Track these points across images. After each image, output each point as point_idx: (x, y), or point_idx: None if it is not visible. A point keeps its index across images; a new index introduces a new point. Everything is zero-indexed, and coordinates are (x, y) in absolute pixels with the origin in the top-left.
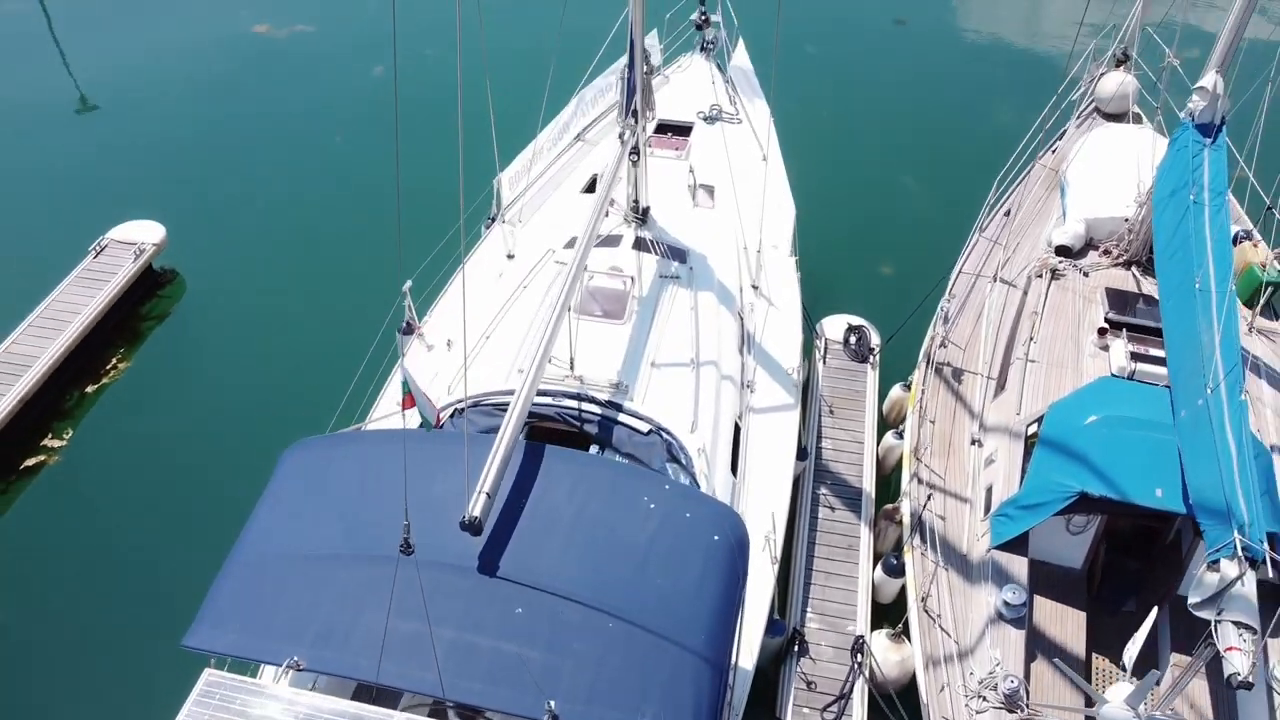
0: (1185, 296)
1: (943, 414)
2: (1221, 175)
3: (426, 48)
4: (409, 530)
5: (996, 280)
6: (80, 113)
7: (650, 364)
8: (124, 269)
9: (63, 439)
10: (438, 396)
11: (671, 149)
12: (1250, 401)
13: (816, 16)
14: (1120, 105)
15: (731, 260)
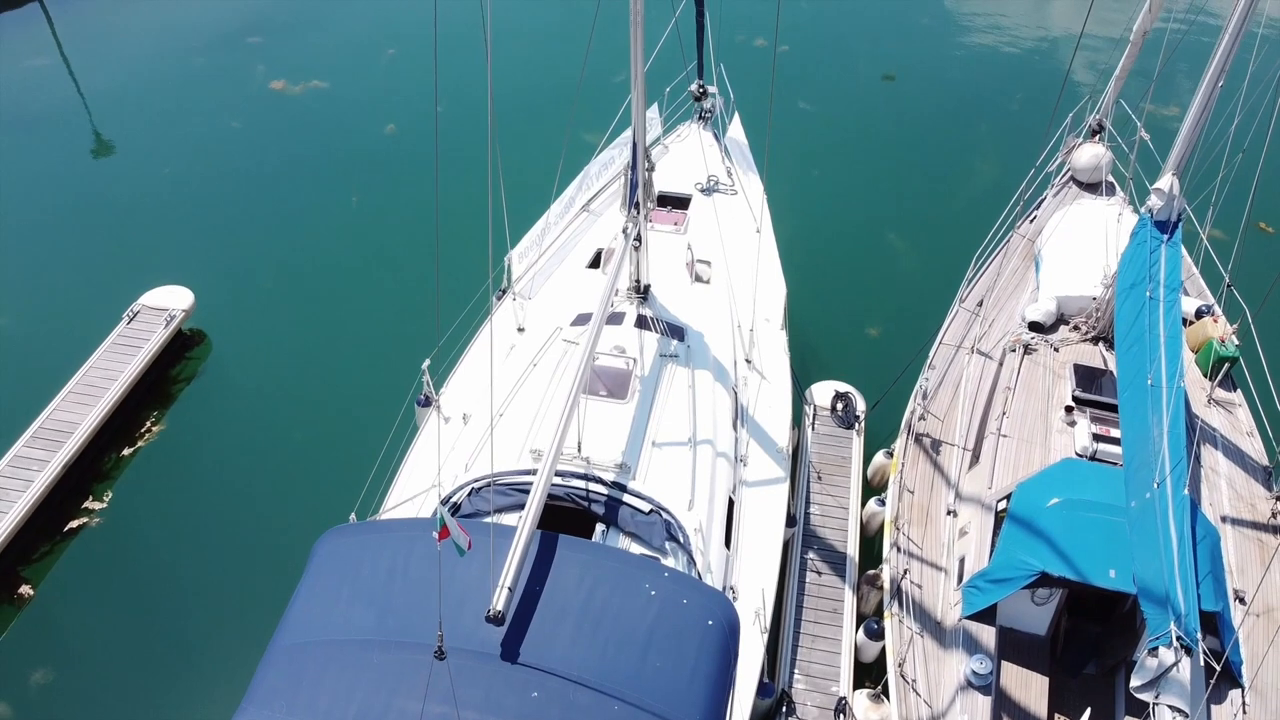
0: (1139, 391)
1: (921, 484)
2: (1176, 271)
3: (437, 104)
4: (442, 631)
5: (974, 352)
6: (103, 168)
7: (651, 443)
8: (156, 335)
9: (103, 501)
10: (456, 475)
11: (671, 223)
12: (1205, 472)
13: (810, 73)
14: (1094, 176)
15: (726, 337)
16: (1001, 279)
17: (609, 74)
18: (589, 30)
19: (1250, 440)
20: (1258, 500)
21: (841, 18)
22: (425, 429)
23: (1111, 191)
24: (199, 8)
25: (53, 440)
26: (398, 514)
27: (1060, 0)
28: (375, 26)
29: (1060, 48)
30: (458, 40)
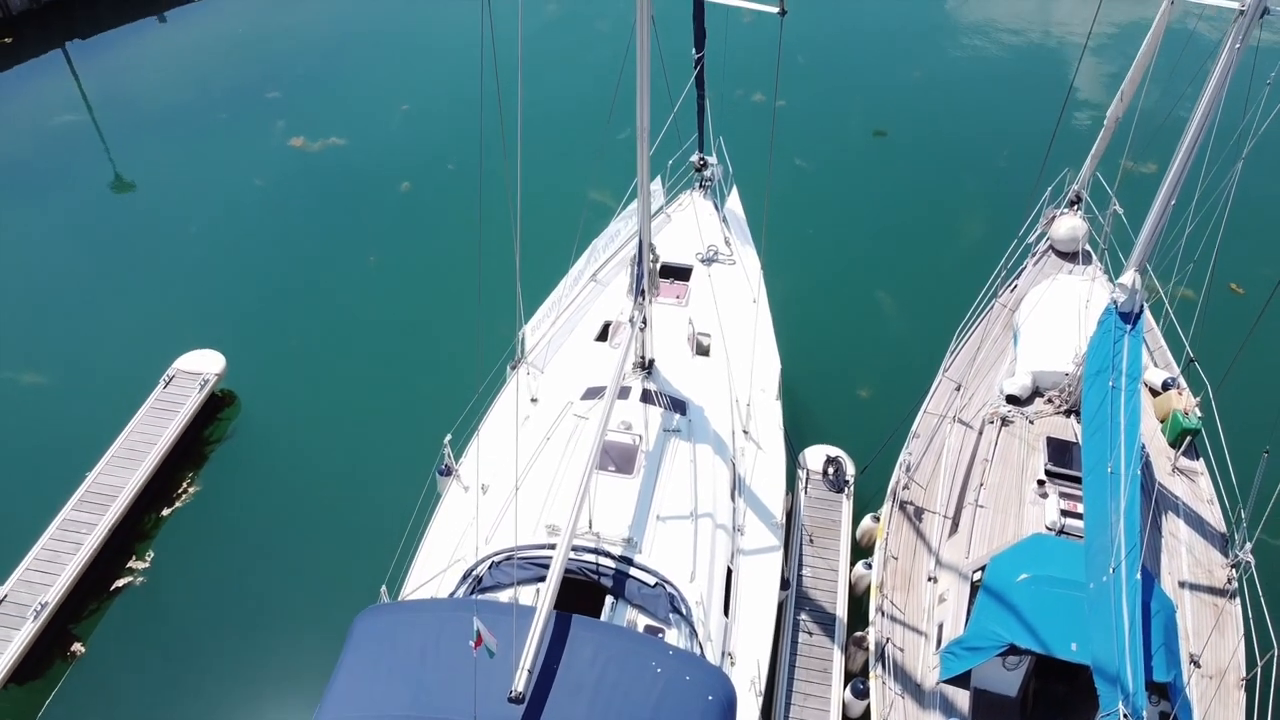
0: (1100, 477)
1: (905, 551)
2: (1137, 361)
3: (449, 162)
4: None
5: (956, 422)
6: (132, 225)
7: (656, 517)
8: (191, 399)
9: (145, 560)
10: (477, 546)
11: (673, 296)
12: (1166, 539)
13: (805, 128)
14: (1072, 246)
15: (725, 409)
16: (983, 350)
17: (616, 130)
18: (595, 84)
19: (1210, 508)
20: (1215, 567)
21: (835, 71)
22: (447, 498)
23: (1088, 260)
24: (219, 62)
25: (99, 504)
26: (424, 586)
27: (1047, 56)
28: (388, 81)
29: (1047, 102)
30: (472, 98)
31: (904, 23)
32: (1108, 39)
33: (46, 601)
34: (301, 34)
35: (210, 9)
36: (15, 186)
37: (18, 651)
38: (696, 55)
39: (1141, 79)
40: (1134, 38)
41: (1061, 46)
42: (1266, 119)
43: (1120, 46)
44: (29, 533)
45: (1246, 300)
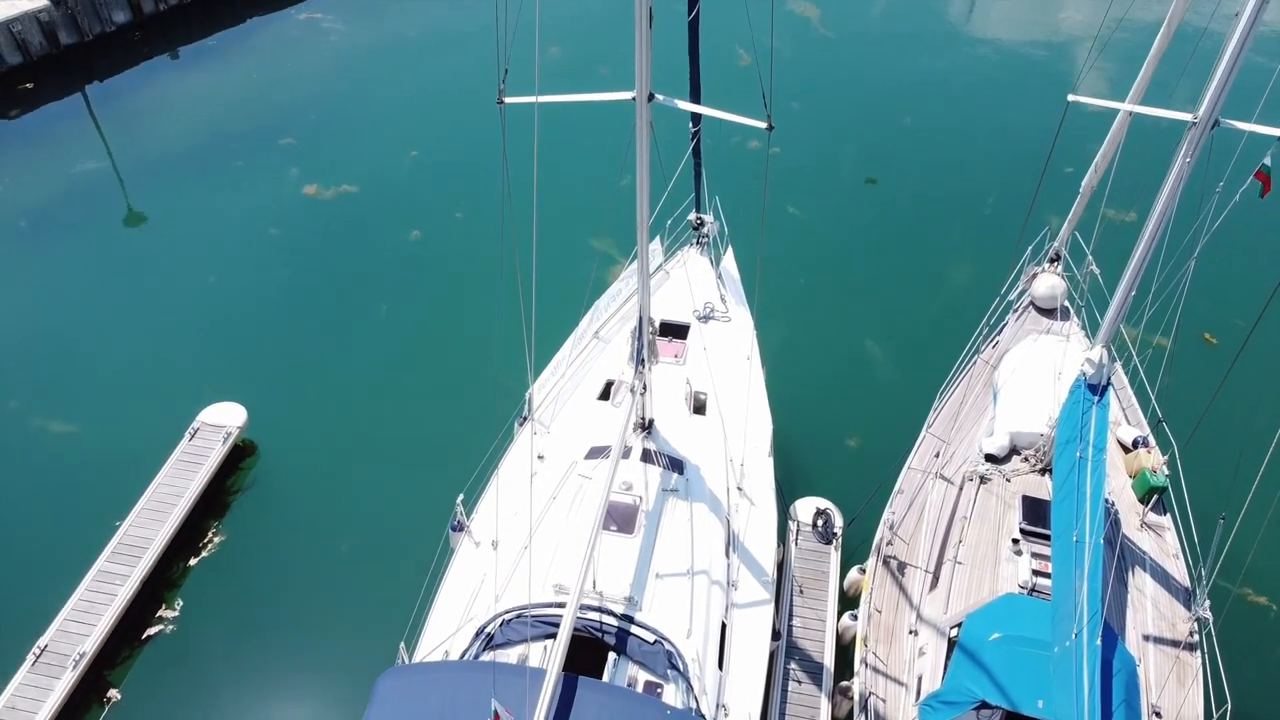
0: (1066, 544)
1: (888, 605)
2: (1103, 433)
3: (456, 210)
4: None
5: (938, 478)
6: (154, 273)
7: (655, 575)
8: (215, 452)
9: (174, 609)
10: (489, 605)
11: (672, 355)
12: (1132, 594)
13: (798, 175)
14: (1051, 303)
15: (720, 468)
16: (965, 407)
17: (616, 178)
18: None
19: (1175, 562)
20: (1178, 620)
21: (829, 117)
22: (459, 554)
23: (1066, 316)
24: (233, 106)
25: (131, 555)
26: (440, 645)
27: (1033, 106)
28: (397, 127)
29: (1031, 150)
30: (479, 145)
31: (895, 70)
32: (1095, 89)
33: (85, 651)
34: (312, 78)
35: (222, 49)
36: (41, 233)
37: (59, 700)
38: (693, 129)
39: (1113, 154)
40: (1122, 92)
41: (1046, 98)
42: (1221, 214)
43: (1110, 98)
44: (66, 581)
45: (1220, 350)
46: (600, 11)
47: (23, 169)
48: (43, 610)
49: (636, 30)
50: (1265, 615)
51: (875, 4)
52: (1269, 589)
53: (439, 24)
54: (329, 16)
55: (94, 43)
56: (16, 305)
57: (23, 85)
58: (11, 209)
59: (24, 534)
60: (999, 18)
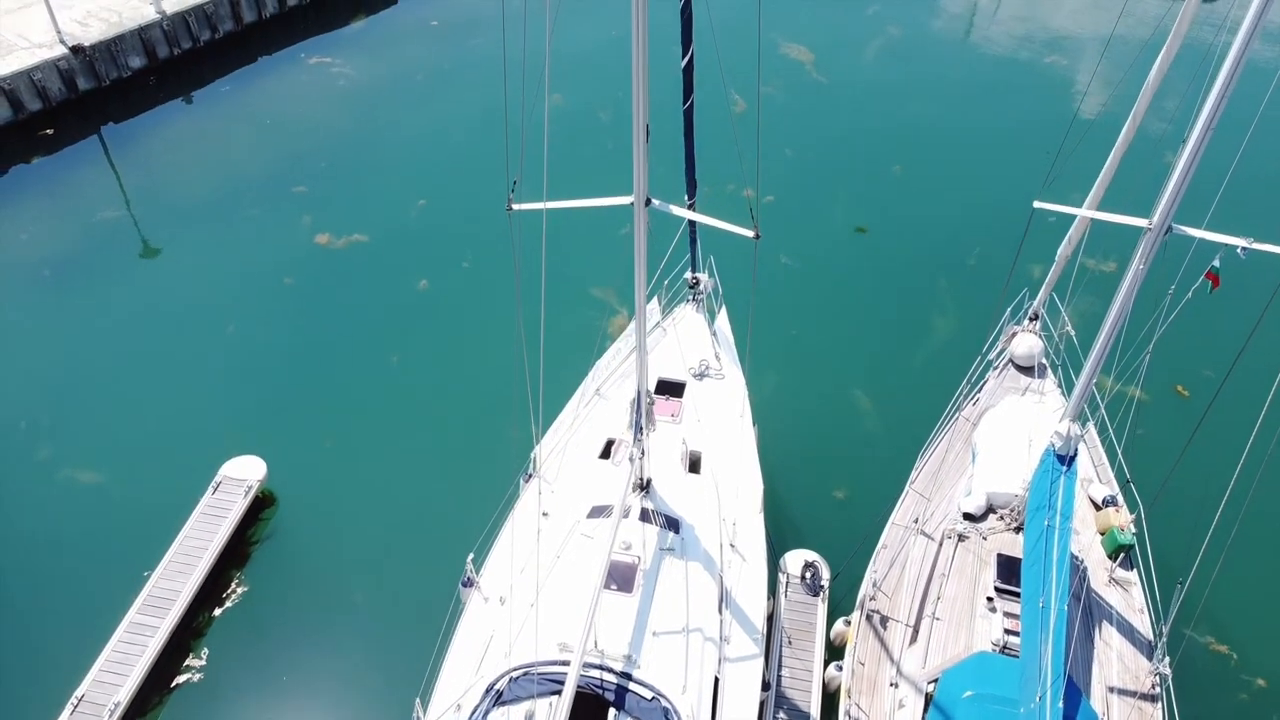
0: (1033, 609)
1: (870, 657)
2: (1070, 501)
3: (463, 260)
4: None
5: (919, 533)
6: (173, 322)
7: (652, 634)
8: (237, 505)
9: (201, 658)
10: (497, 662)
11: (669, 414)
12: (1099, 647)
13: (792, 225)
14: (1029, 361)
15: (714, 527)
16: (946, 464)
17: (616, 228)
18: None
19: (1141, 617)
20: (1141, 674)
21: (820, 163)
22: (469, 609)
23: (1044, 373)
24: (246, 152)
25: (160, 607)
26: (452, 699)
27: (1018, 153)
28: (405, 175)
29: (1015, 200)
30: (484, 193)
31: (885, 116)
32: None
33: (119, 701)
34: (322, 124)
35: (234, 94)
36: (65, 283)
37: None
38: (689, 201)
39: (1081, 236)
40: (1105, 148)
41: (1031, 147)
42: (1176, 308)
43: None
44: (99, 631)
45: (1191, 402)
46: (600, 58)
47: (46, 217)
48: (78, 660)
49: (634, 143)
50: (1226, 663)
51: (868, 49)
52: (1230, 638)
53: (443, 67)
54: (338, 60)
55: (111, 87)
56: (44, 354)
57: (43, 131)
58: (36, 258)
59: (59, 583)
60: (988, 64)
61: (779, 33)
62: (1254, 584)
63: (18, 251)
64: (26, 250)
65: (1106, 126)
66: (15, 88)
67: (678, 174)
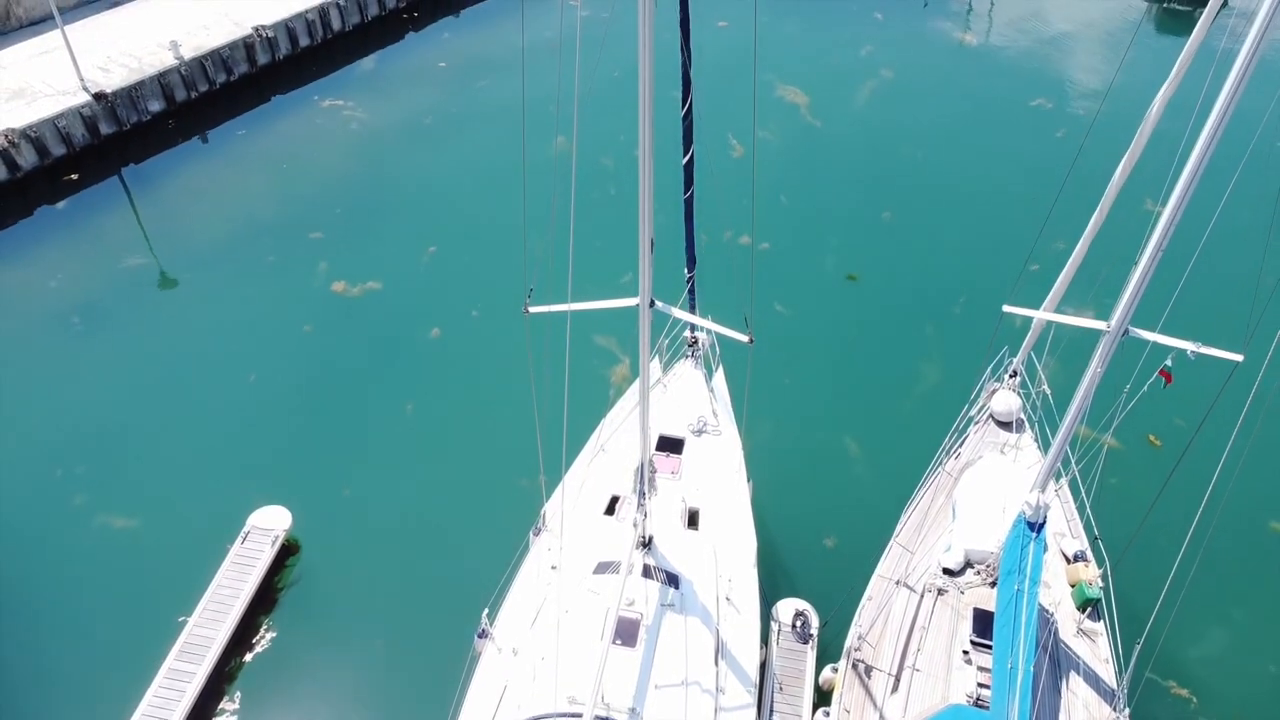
0: (1002, 671)
1: (855, 705)
2: (1038, 567)
3: (472, 309)
4: None
5: (902, 585)
6: (195, 369)
7: (654, 686)
8: (265, 554)
9: (235, 701)
10: (509, 712)
11: (669, 471)
12: (1066, 696)
13: (785, 273)
14: (1008, 416)
15: (710, 582)
16: (928, 519)
17: (619, 276)
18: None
19: (1106, 667)
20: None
21: (813, 209)
22: (484, 659)
23: (1022, 429)
24: (263, 199)
25: (196, 654)
26: None
27: (1003, 201)
28: (416, 220)
29: (1002, 250)
30: (492, 240)
31: (876, 159)
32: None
33: None
34: (336, 169)
35: (250, 137)
36: (94, 330)
37: None
38: (689, 275)
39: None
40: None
41: (1017, 193)
42: (1132, 401)
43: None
44: (140, 674)
45: (1163, 453)
46: (601, 99)
47: (73, 263)
48: (121, 702)
49: (640, 250)
50: (1187, 706)
51: (860, 92)
52: (1191, 683)
53: (450, 110)
54: (349, 103)
55: (131, 131)
56: (76, 403)
57: (67, 177)
58: (67, 306)
59: (99, 626)
60: (978, 106)
61: (775, 74)
62: (1213, 630)
63: (49, 300)
64: (56, 298)
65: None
66: (41, 134)
67: (678, 235)
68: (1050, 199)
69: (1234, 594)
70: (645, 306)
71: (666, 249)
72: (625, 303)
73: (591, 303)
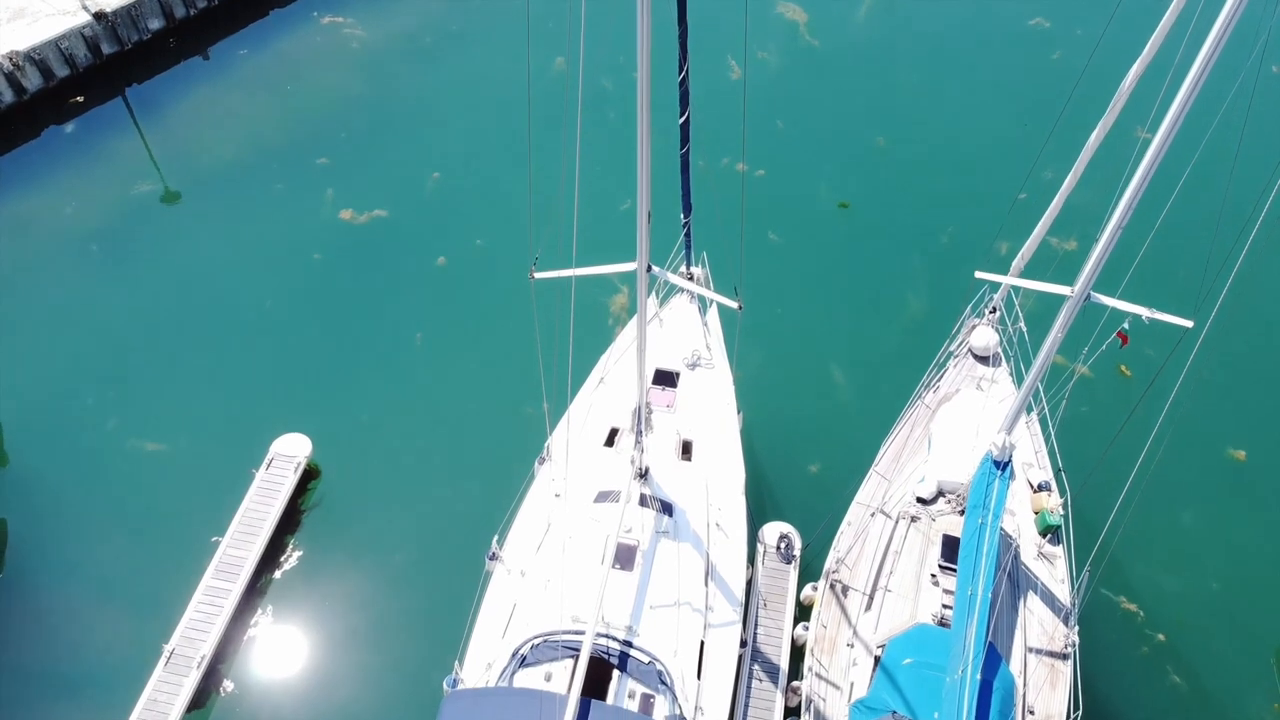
0: (963, 597)
1: (832, 621)
2: (1002, 502)
3: (477, 237)
4: None
5: (879, 513)
6: (212, 298)
7: (649, 607)
8: (288, 480)
9: (267, 615)
10: (519, 629)
11: (664, 404)
12: (1023, 613)
13: (780, 200)
14: (986, 351)
15: (701, 509)
16: (906, 450)
17: (618, 201)
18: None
19: (1061, 587)
20: (1057, 635)
21: (809, 134)
22: (495, 579)
23: (999, 362)
24: (268, 123)
25: (231, 572)
26: (484, 660)
27: (992, 127)
28: (420, 143)
29: (990, 176)
30: (495, 163)
31: (872, 82)
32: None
33: (204, 654)
34: (339, 90)
35: (251, 56)
36: (111, 258)
37: (189, 694)
38: (685, 221)
39: (1030, 256)
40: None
41: (1008, 120)
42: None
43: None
44: (179, 591)
45: (1132, 382)
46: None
47: (86, 188)
48: (163, 618)
49: (638, 223)
50: (1135, 619)
51: (860, 6)
52: (1140, 599)
53: (450, 28)
54: (349, 20)
55: (133, 51)
56: (100, 329)
57: (73, 99)
58: (84, 233)
59: (140, 545)
60: (975, 22)
61: None
62: (1163, 551)
63: (65, 225)
64: (73, 224)
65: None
66: (44, 56)
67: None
68: (1040, 123)
69: (1186, 518)
70: (643, 271)
71: (663, 179)
72: (624, 268)
73: (593, 268)
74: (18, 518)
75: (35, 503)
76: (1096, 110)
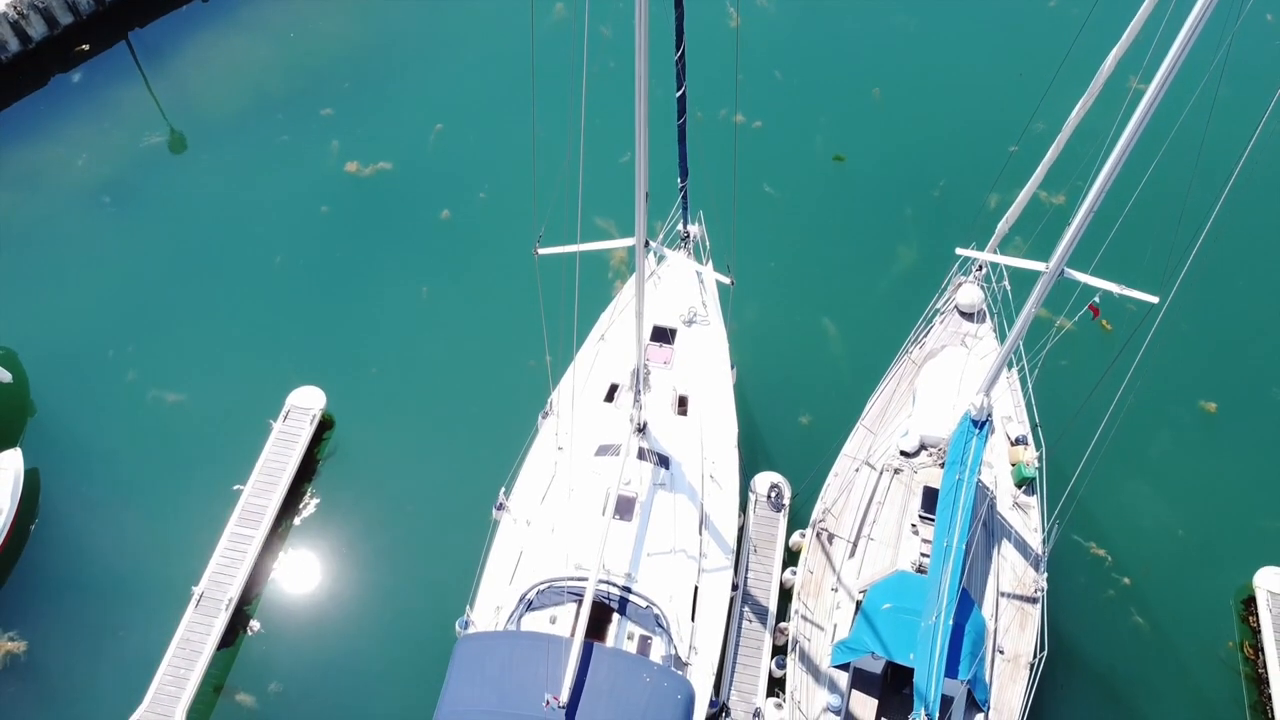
0: (939, 548)
1: (817, 566)
2: (979, 458)
3: (480, 190)
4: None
5: (864, 464)
6: (222, 252)
7: (647, 554)
8: (305, 431)
9: (289, 558)
10: (525, 574)
11: (662, 361)
12: (997, 559)
13: (776, 153)
14: (971, 309)
15: (696, 462)
16: (892, 404)
17: (617, 156)
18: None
19: (1034, 535)
20: (1028, 581)
21: (806, 85)
22: (502, 527)
23: (983, 319)
24: (272, 71)
25: (253, 520)
26: (492, 604)
27: (990, 79)
28: (424, 94)
29: (982, 127)
30: (498, 114)
31: (869, 29)
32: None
33: (232, 596)
34: (341, 38)
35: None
36: (124, 210)
37: (219, 632)
38: (681, 185)
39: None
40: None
41: (1004, 70)
42: (1061, 333)
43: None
44: (205, 536)
45: (1113, 336)
46: None
47: (96, 138)
48: (190, 562)
49: (636, 200)
50: (1101, 564)
51: None
52: (1108, 544)
53: None
54: None
55: None
56: (117, 282)
57: (78, 47)
58: (96, 185)
59: (165, 492)
60: None
61: None
62: (1132, 498)
63: (78, 177)
64: (85, 176)
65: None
66: (48, 4)
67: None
68: (1037, 73)
69: (1155, 467)
70: (641, 247)
71: (660, 138)
72: (624, 243)
73: (594, 244)
74: (49, 468)
75: (64, 452)
76: (1091, 62)
